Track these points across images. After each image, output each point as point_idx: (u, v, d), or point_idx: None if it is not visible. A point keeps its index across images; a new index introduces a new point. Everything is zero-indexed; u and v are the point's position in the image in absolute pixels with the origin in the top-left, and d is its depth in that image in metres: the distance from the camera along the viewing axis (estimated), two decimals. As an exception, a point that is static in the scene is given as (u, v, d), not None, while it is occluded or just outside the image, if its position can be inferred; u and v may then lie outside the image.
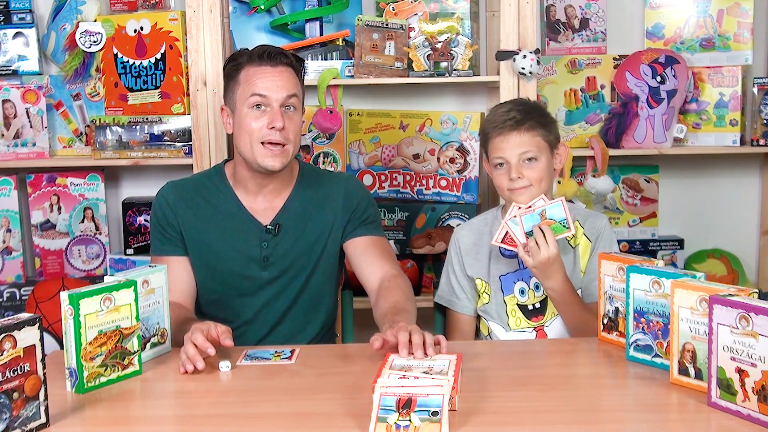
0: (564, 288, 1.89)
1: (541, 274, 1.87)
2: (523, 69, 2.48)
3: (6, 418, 1.30)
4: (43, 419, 1.36)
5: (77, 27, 2.62)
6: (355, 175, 2.64)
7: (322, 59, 2.62)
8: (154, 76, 2.63)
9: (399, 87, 2.77)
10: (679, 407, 1.44)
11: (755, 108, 2.70)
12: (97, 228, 2.75)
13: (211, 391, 1.56)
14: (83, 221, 2.74)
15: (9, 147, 2.67)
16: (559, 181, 2.53)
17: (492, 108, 2.05)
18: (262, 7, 2.60)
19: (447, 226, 2.68)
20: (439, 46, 2.56)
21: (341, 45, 2.65)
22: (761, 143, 2.69)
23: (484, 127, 2.00)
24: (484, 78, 2.63)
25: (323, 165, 2.72)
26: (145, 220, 2.68)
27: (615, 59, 2.74)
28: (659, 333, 1.59)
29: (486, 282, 2.03)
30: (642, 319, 1.63)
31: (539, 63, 2.50)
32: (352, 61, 2.60)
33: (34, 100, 2.68)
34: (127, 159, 2.63)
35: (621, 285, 1.71)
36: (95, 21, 2.64)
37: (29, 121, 2.68)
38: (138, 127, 2.61)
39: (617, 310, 1.74)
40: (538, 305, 1.99)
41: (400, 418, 1.27)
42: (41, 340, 1.36)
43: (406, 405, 1.28)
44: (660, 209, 2.88)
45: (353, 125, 2.75)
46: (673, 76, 2.64)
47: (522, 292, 2.00)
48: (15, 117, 2.67)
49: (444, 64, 2.56)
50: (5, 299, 2.68)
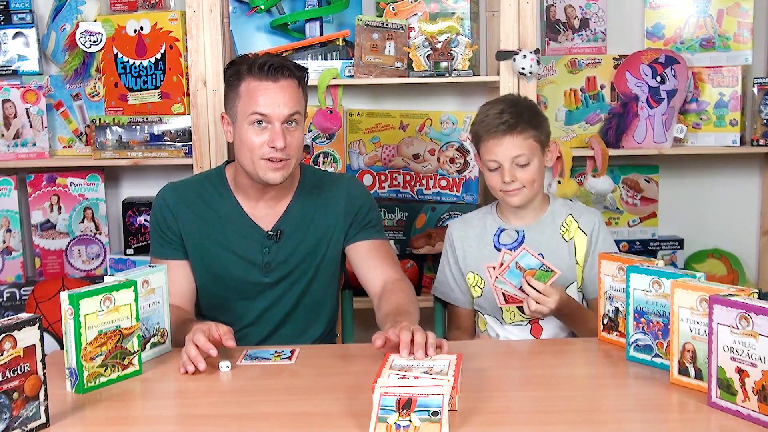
0: (571, 309, 1.92)
1: (556, 312, 1.89)
2: (523, 69, 2.48)
3: (6, 418, 1.30)
4: (43, 419, 1.36)
5: (77, 27, 2.62)
6: (356, 177, 2.63)
7: (322, 59, 2.62)
8: (154, 76, 2.63)
9: (399, 87, 2.77)
10: (679, 407, 1.44)
11: (755, 108, 2.70)
12: (97, 228, 2.75)
13: (211, 391, 1.56)
14: (83, 221, 2.74)
15: (9, 147, 2.67)
16: (559, 182, 2.53)
17: (483, 106, 2.03)
18: (262, 7, 2.60)
19: (447, 226, 2.67)
20: (439, 46, 2.56)
21: (341, 45, 2.65)
22: (761, 143, 2.69)
23: (476, 128, 1.99)
24: (484, 78, 2.63)
25: (323, 165, 2.71)
26: (145, 220, 2.67)
27: (615, 59, 2.74)
28: (659, 333, 1.59)
29: (478, 275, 2.04)
30: (642, 319, 1.63)
31: (539, 63, 2.50)
32: (352, 61, 2.59)
33: (34, 100, 2.68)
34: (127, 159, 2.62)
35: (621, 285, 1.71)
36: (95, 21, 2.64)
37: (29, 121, 2.67)
38: (138, 127, 2.61)
39: (617, 310, 1.74)
40: None
41: (400, 418, 1.27)
42: (41, 340, 1.36)
43: (406, 405, 1.28)
44: (660, 209, 2.88)
45: (353, 125, 2.75)
46: (673, 76, 2.64)
47: None
48: (15, 117, 2.67)
49: (444, 64, 2.56)
50: (5, 299, 2.68)
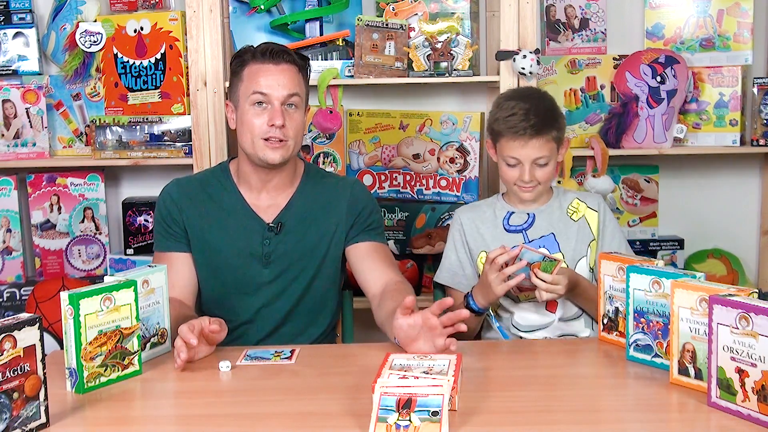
0: (581, 288, 1.93)
1: (567, 294, 1.90)
2: (523, 69, 2.48)
3: (6, 418, 1.30)
4: (43, 419, 1.36)
5: (77, 27, 2.62)
6: (358, 179, 2.63)
7: (322, 59, 2.62)
8: (154, 76, 2.63)
9: (399, 87, 2.77)
10: (679, 407, 1.45)
11: (755, 108, 2.70)
12: (97, 228, 2.75)
13: (211, 391, 1.56)
14: (83, 221, 2.74)
15: (9, 147, 2.67)
16: (559, 182, 2.54)
17: (507, 101, 1.99)
18: (262, 7, 2.60)
19: (447, 226, 2.67)
20: (439, 46, 2.56)
21: (341, 45, 2.65)
22: (761, 143, 2.68)
23: (498, 123, 1.98)
24: (484, 78, 2.62)
25: (323, 165, 2.72)
26: (146, 220, 2.68)
27: (615, 59, 2.74)
28: (659, 333, 1.59)
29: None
30: (642, 319, 1.63)
31: (539, 63, 2.49)
32: (352, 61, 2.59)
33: (34, 100, 2.68)
34: (127, 159, 2.62)
35: (621, 285, 1.71)
36: (95, 21, 2.64)
37: (29, 121, 2.67)
38: (138, 127, 2.61)
39: (617, 310, 1.74)
40: None
41: (400, 418, 1.27)
42: (41, 340, 1.36)
43: (406, 405, 1.28)
44: (660, 209, 2.88)
45: (353, 125, 2.75)
46: (673, 76, 2.64)
47: None
48: (15, 117, 2.67)
49: (444, 64, 2.56)
50: (5, 299, 2.68)
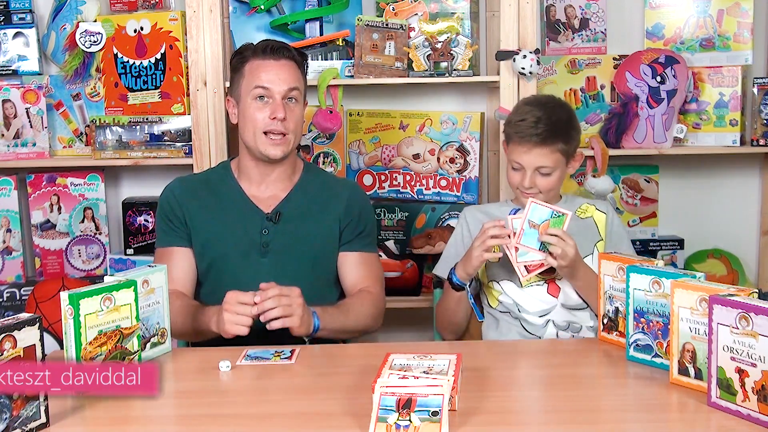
0: (584, 271, 1.93)
1: (570, 270, 1.89)
2: (523, 69, 2.48)
3: (6, 418, 1.30)
4: (43, 419, 1.36)
5: (77, 27, 2.61)
6: (357, 183, 2.65)
7: (322, 59, 2.62)
8: (154, 76, 2.62)
9: (399, 87, 2.77)
10: (679, 407, 1.45)
11: (755, 108, 2.70)
12: (97, 228, 2.75)
13: (211, 391, 1.56)
14: (83, 221, 2.74)
15: (9, 147, 2.67)
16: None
17: (525, 105, 2.05)
18: (262, 7, 2.60)
19: (447, 226, 2.68)
20: (439, 46, 2.56)
21: (341, 45, 2.65)
22: (761, 143, 2.68)
23: (508, 128, 2.04)
24: (484, 78, 2.62)
25: (323, 165, 2.72)
26: (146, 220, 2.68)
27: (615, 59, 2.74)
28: (659, 333, 1.60)
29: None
30: (642, 319, 1.63)
31: (539, 63, 2.49)
32: (352, 61, 2.59)
33: (34, 100, 2.68)
34: (127, 159, 2.62)
35: (621, 285, 1.71)
36: (95, 21, 2.64)
37: (29, 121, 2.67)
38: (138, 127, 2.61)
39: (617, 310, 1.74)
40: None
41: (400, 418, 1.27)
42: (41, 340, 1.36)
43: (406, 405, 1.28)
44: (660, 209, 2.88)
45: (353, 125, 2.75)
46: (673, 76, 2.64)
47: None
48: (15, 117, 2.67)
49: (444, 64, 2.56)
50: (5, 299, 2.68)
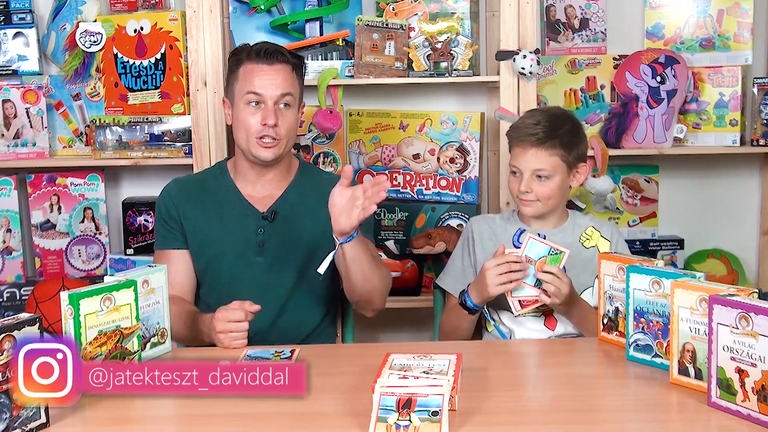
0: (580, 307, 1.92)
1: (566, 307, 1.89)
2: (523, 69, 2.48)
3: (6, 418, 1.30)
4: (43, 419, 1.36)
5: (77, 27, 2.61)
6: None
7: (322, 59, 2.62)
8: (154, 76, 2.62)
9: (399, 87, 2.77)
10: (679, 407, 1.45)
11: (755, 108, 2.70)
12: (97, 228, 2.75)
13: (211, 391, 1.56)
14: (83, 221, 2.74)
15: (9, 147, 2.67)
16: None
17: (528, 111, 2.11)
18: (262, 7, 2.60)
19: (447, 226, 2.68)
20: (439, 46, 2.56)
21: (341, 45, 2.65)
22: (761, 143, 2.68)
23: (509, 132, 2.06)
24: (484, 78, 2.62)
25: (323, 165, 2.72)
26: (146, 220, 2.68)
27: (615, 59, 2.74)
28: (659, 333, 1.59)
29: None
30: (642, 319, 1.63)
31: (539, 63, 2.50)
32: (352, 61, 2.59)
33: (34, 100, 2.68)
34: (127, 159, 2.62)
35: (621, 285, 1.71)
36: (95, 21, 2.64)
37: (29, 121, 2.67)
38: (138, 127, 2.61)
39: (617, 310, 1.74)
40: None
41: (400, 418, 1.27)
42: (41, 340, 1.36)
43: (406, 405, 1.28)
44: (660, 209, 2.88)
45: (353, 125, 2.75)
46: (673, 76, 2.64)
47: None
48: (15, 117, 2.67)
49: (444, 64, 2.56)
50: (5, 299, 2.68)
